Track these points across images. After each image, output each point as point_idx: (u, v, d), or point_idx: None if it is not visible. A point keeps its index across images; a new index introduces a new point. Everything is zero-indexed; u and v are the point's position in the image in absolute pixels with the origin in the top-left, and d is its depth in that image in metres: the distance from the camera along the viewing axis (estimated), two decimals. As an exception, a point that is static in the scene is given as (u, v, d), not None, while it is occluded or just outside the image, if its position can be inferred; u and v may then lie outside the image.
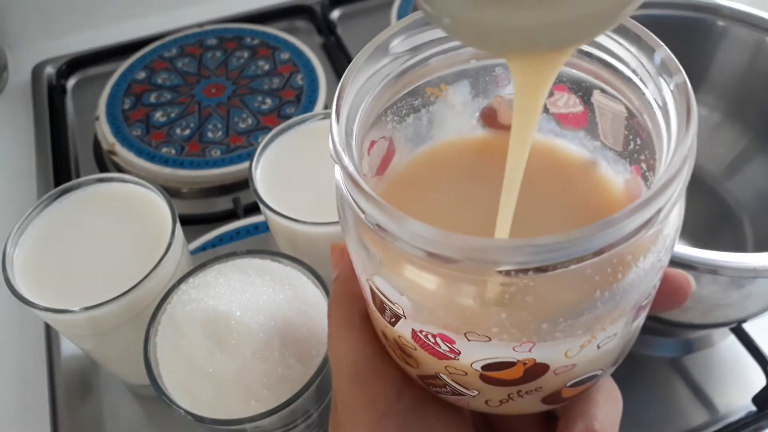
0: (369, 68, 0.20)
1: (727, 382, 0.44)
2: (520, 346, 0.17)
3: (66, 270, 0.35)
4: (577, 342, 0.18)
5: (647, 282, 0.18)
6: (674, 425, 0.42)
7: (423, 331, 0.18)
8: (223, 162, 0.56)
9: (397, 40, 0.20)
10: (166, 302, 0.32)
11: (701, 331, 0.45)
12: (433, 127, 0.23)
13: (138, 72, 0.64)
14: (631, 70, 0.19)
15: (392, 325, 0.20)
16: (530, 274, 0.15)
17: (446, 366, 0.19)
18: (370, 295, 0.20)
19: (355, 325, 0.23)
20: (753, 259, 0.32)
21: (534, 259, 0.15)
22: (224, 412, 0.29)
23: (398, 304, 0.18)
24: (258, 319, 0.31)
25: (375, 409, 0.22)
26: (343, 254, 0.25)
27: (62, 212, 0.37)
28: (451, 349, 0.18)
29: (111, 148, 0.58)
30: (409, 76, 0.21)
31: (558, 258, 0.15)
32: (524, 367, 0.18)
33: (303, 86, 0.62)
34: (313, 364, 0.30)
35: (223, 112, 0.60)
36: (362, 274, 0.20)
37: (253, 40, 0.67)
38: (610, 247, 0.15)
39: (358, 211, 0.17)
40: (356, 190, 0.17)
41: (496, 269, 0.15)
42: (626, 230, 0.15)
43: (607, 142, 0.22)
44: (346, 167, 0.17)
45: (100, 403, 0.43)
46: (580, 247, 0.15)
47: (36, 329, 0.46)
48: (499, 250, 0.15)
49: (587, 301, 0.17)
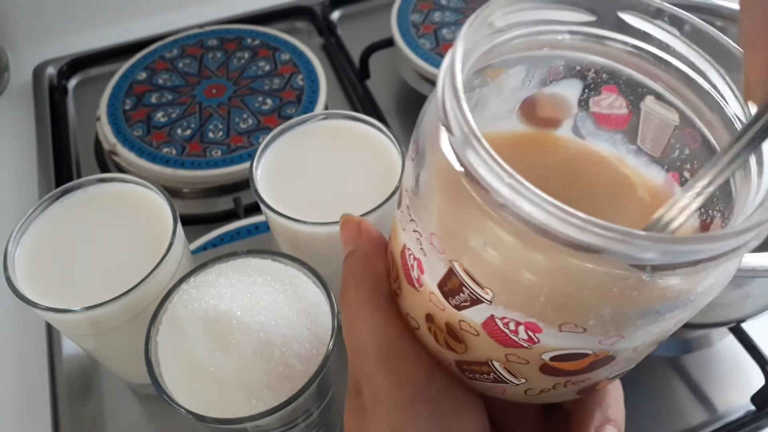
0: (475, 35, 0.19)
1: (725, 381, 0.44)
2: (607, 339, 0.17)
3: (67, 270, 0.35)
4: (649, 338, 0.18)
5: (720, 289, 0.18)
6: (673, 424, 0.42)
7: (505, 318, 0.18)
8: (223, 162, 0.56)
9: (498, 14, 0.19)
10: (167, 302, 0.32)
11: (700, 331, 0.45)
12: (476, 109, 0.23)
13: (139, 72, 0.65)
14: (711, 84, 0.19)
15: (459, 309, 0.19)
16: (647, 269, 0.15)
17: (508, 354, 0.19)
18: (440, 277, 0.19)
19: (379, 304, 0.22)
20: (752, 259, 0.32)
21: (678, 258, 0.15)
22: (225, 411, 0.29)
23: (489, 288, 0.17)
24: (259, 319, 0.31)
25: (405, 392, 0.21)
26: (360, 228, 0.23)
27: (63, 212, 0.37)
28: (530, 338, 0.18)
29: (112, 148, 0.58)
30: (492, 53, 0.20)
31: (691, 258, 0.15)
32: (593, 359, 0.18)
33: (303, 87, 0.62)
34: (313, 364, 0.30)
35: (223, 112, 0.61)
36: (439, 253, 0.18)
37: (253, 41, 0.67)
38: (722, 255, 0.15)
39: (481, 185, 0.16)
40: (490, 163, 0.15)
41: (632, 263, 0.15)
42: (742, 241, 0.15)
43: (645, 147, 0.22)
44: (474, 132, 0.16)
45: (101, 403, 0.43)
46: (709, 252, 0.15)
47: (37, 329, 0.47)
48: (649, 244, 0.15)
49: (683, 302, 0.17)
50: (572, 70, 0.22)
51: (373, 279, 0.22)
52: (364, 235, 0.23)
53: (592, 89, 0.22)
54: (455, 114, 0.16)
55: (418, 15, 0.68)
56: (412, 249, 0.20)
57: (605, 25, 0.21)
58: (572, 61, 0.22)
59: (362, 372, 0.22)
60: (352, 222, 0.24)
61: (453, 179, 0.17)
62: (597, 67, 0.22)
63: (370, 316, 0.22)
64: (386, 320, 0.21)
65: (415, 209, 0.19)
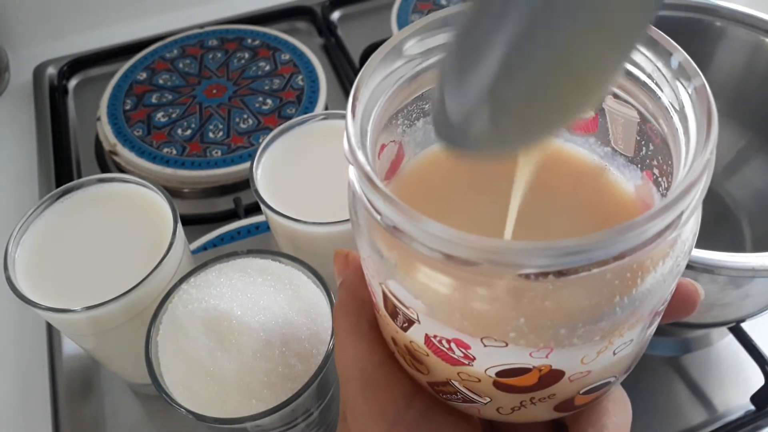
0: (383, 69, 0.19)
1: (725, 381, 0.44)
2: (537, 351, 0.17)
3: (67, 270, 0.35)
4: (594, 348, 0.18)
5: (665, 287, 0.17)
6: (672, 425, 0.42)
7: (437, 336, 0.18)
8: (224, 162, 0.56)
9: (411, 42, 0.20)
10: (167, 302, 0.32)
11: (700, 331, 0.45)
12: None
13: (139, 73, 0.65)
14: (646, 74, 0.19)
15: (404, 331, 0.19)
16: (550, 277, 0.15)
17: (459, 372, 0.19)
18: (381, 300, 0.20)
19: (363, 332, 0.22)
20: (751, 258, 0.32)
21: (556, 262, 0.15)
22: (225, 411, 0.29)
23: (412, 308, 0.18)
24: (259, 319, 0.31)
25: (385, 418, 0.21)
26: (348, 260, 0.24)
27: (64, 212, 0.37)
28: (466, 354, 0.18)
29: (112, 148, 0.58)
30: (421, 79, 0.21)
31: (580, 261, 0.15)
32: (540, 373, 0.18)
33: (303, 87, 0.62)
34: (313, 363, 0.30)
35: (224, 112, 0.61)
36: (374, 277, 0.19)
37: (253, 41, 0.68)
38: (631, 251, 0.15)
39: (373, 212, 0.17)
40: (372, 190, 0.16)
41: (517, 273, 0.15)
42: (648, 234, 0.15)
43: (618, 148, 0.22)
44: (362, 166, 0.17)
45: (101, 402, 0.43)
46: (603, 250, 0.15)
47: (37, 328, 0.47)
48: (521, 252, 0.15)
49: (607, 306, 0.16)
50: None
51: (358, 308, 0.23)
52: (351, 266, 0.24)
53: None
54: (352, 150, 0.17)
55: (418, 15, 0.68)
56: (366, 275, 0.21)
57: None
58: None
59: (347, 398, 0.22)
60: (342, 254, 0.24)
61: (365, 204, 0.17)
62: None
63: (354, 343, 0.22)
64: (369, 348, 0.22)
65: (354, 235, 0.20)
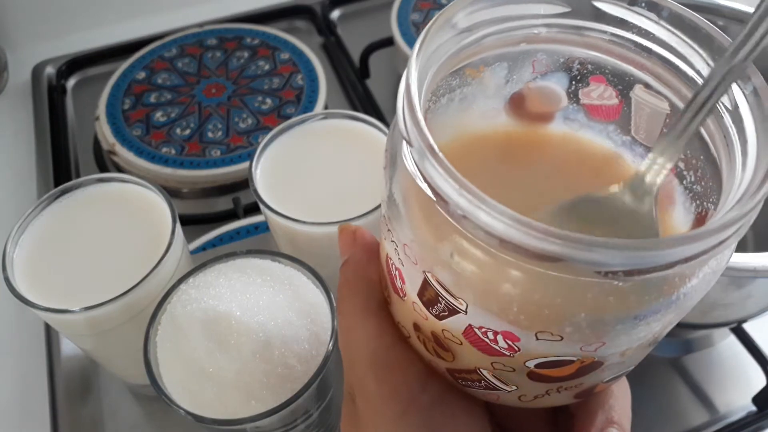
0: (435, 41, 0.19)
1: (727, 382, 0.44)
2: (589, 345, 0.17)
3: (66, 270, 0.35)
4: (638, 342, 0.18)
5: (708, 286, 0.18)
6: (674, 425, 0.42)
7: (483, 327, 0.18)
8: (223, 162, 0.56)
9: (461, 14, 0.19)
10: (166, 302, 0.32)
11: (701, 331, 0.45)
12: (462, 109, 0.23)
13: (138, 72, 0.64)
14: (695, 71, 0.19)
15: (440, 319, 0.19)
16: (620, 275, 0.15)
17: (493, 362, 0.19)
18: (417, 287, 0.19)
19: (373, 312, 0.22)
20: (753, 259, 0.32)
21: (638, 263, 0.15)
22: (224, 412, 0.29)
23: (462, 298, 0.17)
24: (258, 319, 0.31)
25: (398, 400, 0.20)
26: (355, 237, 0.23)
27: (62, 212, 0.37)
28: (510, 346, 0.18)
29: (111, 148, 0.58)
30: (463, 53, 0.20)
31: (660, 261, 0.15)
32: (580, 365, 0.18)
33: (303, 86, 0.62)
34: (313, 364, 0.30)
35: (223, 112, 0.60)
36: (416, 265, 0.18)
37: (253, 40, 0.67)
38: (698, 255, 0.15)
39: (432, 197, 0.16)
40: (445, 176, 0.15)
41: (596, 270, 0.15)
42: (718, 240, 0.15)
43: (639, 138, 0.22)
44: (431, 145, 0.16)
45: (99, 403, 0.43)
46: (682, 254, 0.15)
47: (36, 329, 0.46)
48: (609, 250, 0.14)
49: (664, 304, 0.17)
50: (556, 63, 0.22)
51: (367, 287, 0.22)
52: (358, 243, 0.23)
53: (580, 81, 0.22)
54: (412, 127, 0.16)
55: (418, 14, 0.68)
56: (393, 259, 0.20)
57: (581, 16, 0.20)
58: (553, 54, 0.21)
59: (355, 380, 0.22)
60: (348, 230, 0.24)
61: (419, 191, 0.17)
62: (580, 58, 0.21)
63: (363, 324, 0.22)
64: (379, 329, 0.21)
65: (390, 219, 0.19)
